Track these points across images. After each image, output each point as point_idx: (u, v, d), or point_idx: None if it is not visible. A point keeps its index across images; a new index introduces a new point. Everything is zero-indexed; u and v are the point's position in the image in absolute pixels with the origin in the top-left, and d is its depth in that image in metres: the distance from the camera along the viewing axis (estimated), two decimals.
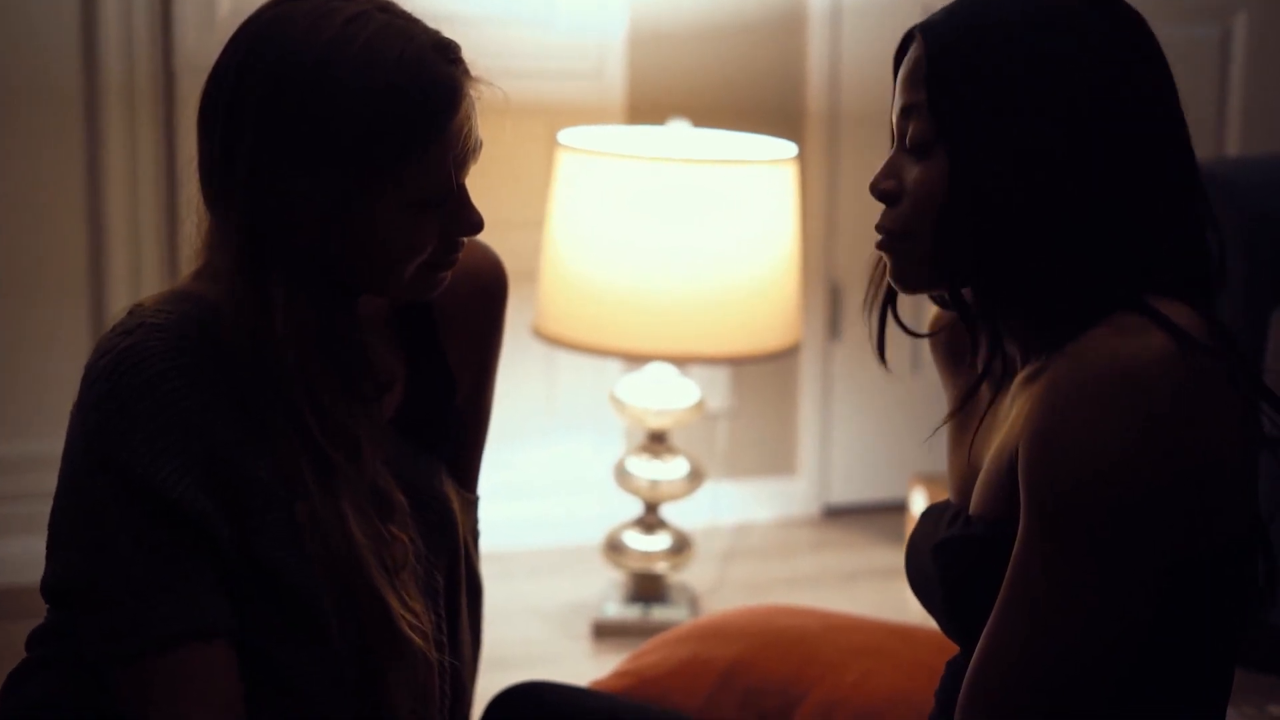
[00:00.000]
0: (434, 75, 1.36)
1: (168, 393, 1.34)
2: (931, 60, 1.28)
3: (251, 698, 1.39)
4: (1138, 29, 1.29)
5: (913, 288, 1.33)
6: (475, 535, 1.63)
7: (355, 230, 1.37)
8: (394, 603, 1.41)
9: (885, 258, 1.34)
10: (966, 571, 1.29)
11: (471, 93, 1.39)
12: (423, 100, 1.35)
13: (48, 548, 1.39)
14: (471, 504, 1.62)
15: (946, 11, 1.32)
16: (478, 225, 1.43)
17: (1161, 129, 1.26)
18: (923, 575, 1.37)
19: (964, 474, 1.39)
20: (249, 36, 1.38)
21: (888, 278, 1.35)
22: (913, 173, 1.30)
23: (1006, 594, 1.21)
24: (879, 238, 1.33)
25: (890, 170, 1.32)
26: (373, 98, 1.34)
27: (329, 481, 1.39)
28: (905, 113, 1.31)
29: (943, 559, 1.31)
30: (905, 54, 1.34)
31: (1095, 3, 1.28)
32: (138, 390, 1.34)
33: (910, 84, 1.31)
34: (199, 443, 1.35)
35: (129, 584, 1.34)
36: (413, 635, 1.42)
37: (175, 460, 1.34)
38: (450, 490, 1.56)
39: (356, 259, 1.39)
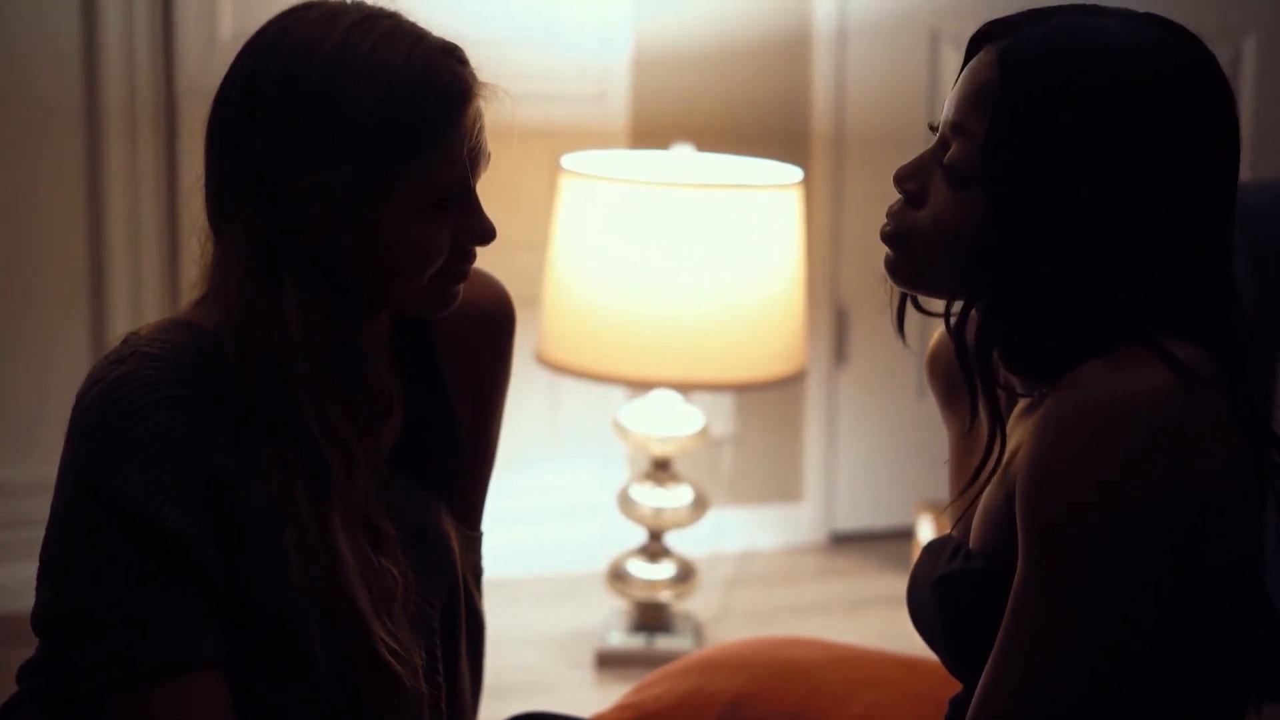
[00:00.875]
0: (442, 73, 1.36)
1: (160, 422, 1.33)
2: (1002, 103, 1.23)
3: None
4: (1219, 95, 1.25)
5: (903, 284, 1.32)
6: (477, 573, 1.61)
7: (366, 233, 1.36)
8: (379, 631, 1.39)
9: (885, 244, 1.32)
10: (966, 606, 1.28)
11: (480, 96, 1.39)
12: (432, 96, 1.35)
13: (38, 577, 1.38)
14: (473, 541, 1.60)
15: (1029, 35, 1.25)
16: (489, 232, 1.41)
17: (1213, 200, 1.24)
18: (924, 610, 1.35)
19: (965, 507, 1.37)
20: (256, 47, 1.38)
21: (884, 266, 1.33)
22: (941, 192, 1.27)
23: (1007, 623, 1.20)
24: (886, 223, 1.31)
25: (919, 171, 1.30)
26: (382, 94, 1.33)
27: (322, 507, 1.37)
28: (956, 129, 1.27)
29: (942, 593, 1.30)
30: (975, 49, 1.29)
31: (1187, 66, 1.23)
32: (129, 419, 1.33)
33: (973, 105, 1.26)
34: (191, 473, 1.34)
35: (120, 614, 1.33)
36: (397, 666, 1.40)
37: (167, 490, 1.33)
38: (449, 528, 1.54)
39: (368, 265, 1.37)
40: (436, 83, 1.35)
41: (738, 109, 3.42)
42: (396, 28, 1.37)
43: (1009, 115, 1.23)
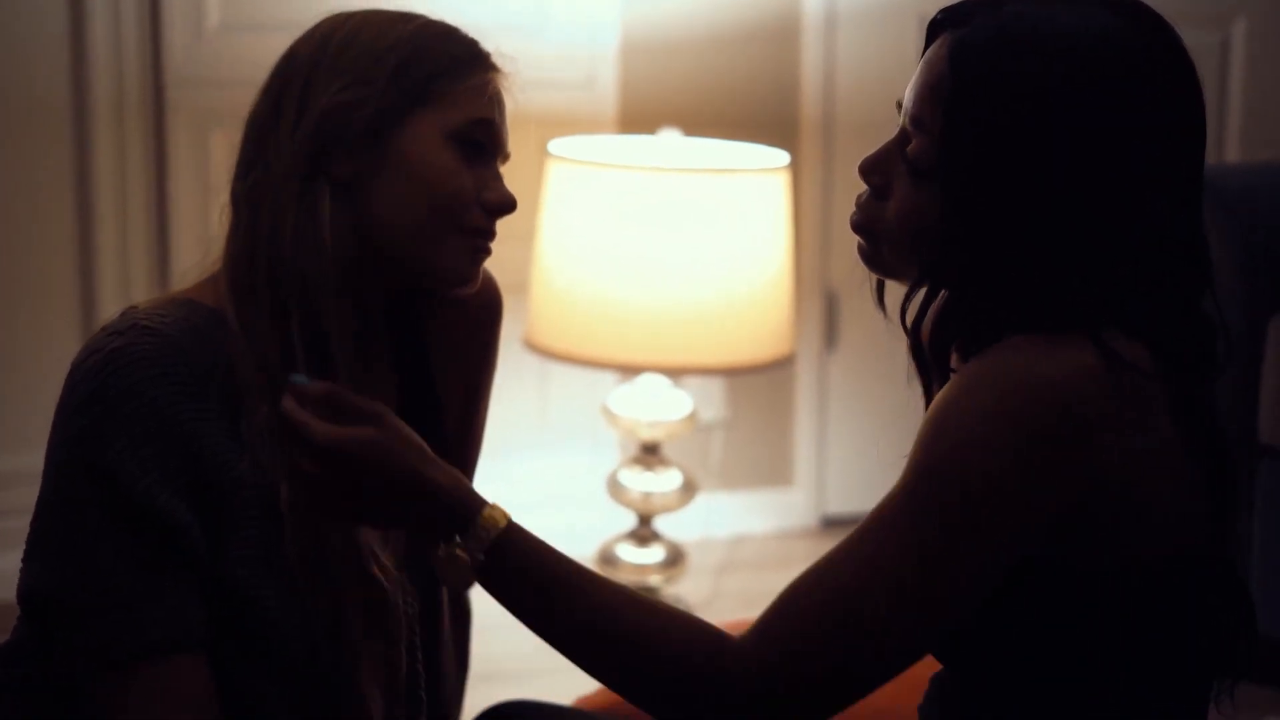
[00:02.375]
0: (465, 34, 1.45)
1: (154, 398, 1.32)
2: (954, 99, 1.23)
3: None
4: (1178, 80, 1.24)
5: (876, 272, 1.34)
6: None
7: (392, 160, 1.38)
8: (370, 547, 1.39)
9: (857, 235, 1.33)
10: None
11: (500, 70, 1.44)
12: (456, 41, 1.43)
13: (27, 553, 1.37)
14: None
15: (979, 26, 1.24)
16: (510, 198, 1.43)
17: (1174, 189, 1.24)
18: None
19: None
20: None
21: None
22: (904, 185, 1.28)
23: (863, 522, 1.22)
24: (854, 213, 1.32)
25: (883, 163, 1.30)
26: (409, 32, 1.42)
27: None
28: (915, 122, 1.27)
29: None
30: (933, 35, 1.29)
31: (1141, 53, 1.23)
32: (124, 394, 1.31)
33: (928, 99, 1.26)
34: (182, 452, 1.33)
35: (108, 592, 1.32)
36: (384, 580, 1.39)
37: (159, 468, 1.32)
38: None
39: (396, 201, 1.38)
40: (460, 36, 1.44)
41: (726, 94, 3.42)
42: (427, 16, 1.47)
43: (961, 111, 1.23)
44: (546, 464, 3.40)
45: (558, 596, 1.24)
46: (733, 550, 3.50)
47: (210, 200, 3.08)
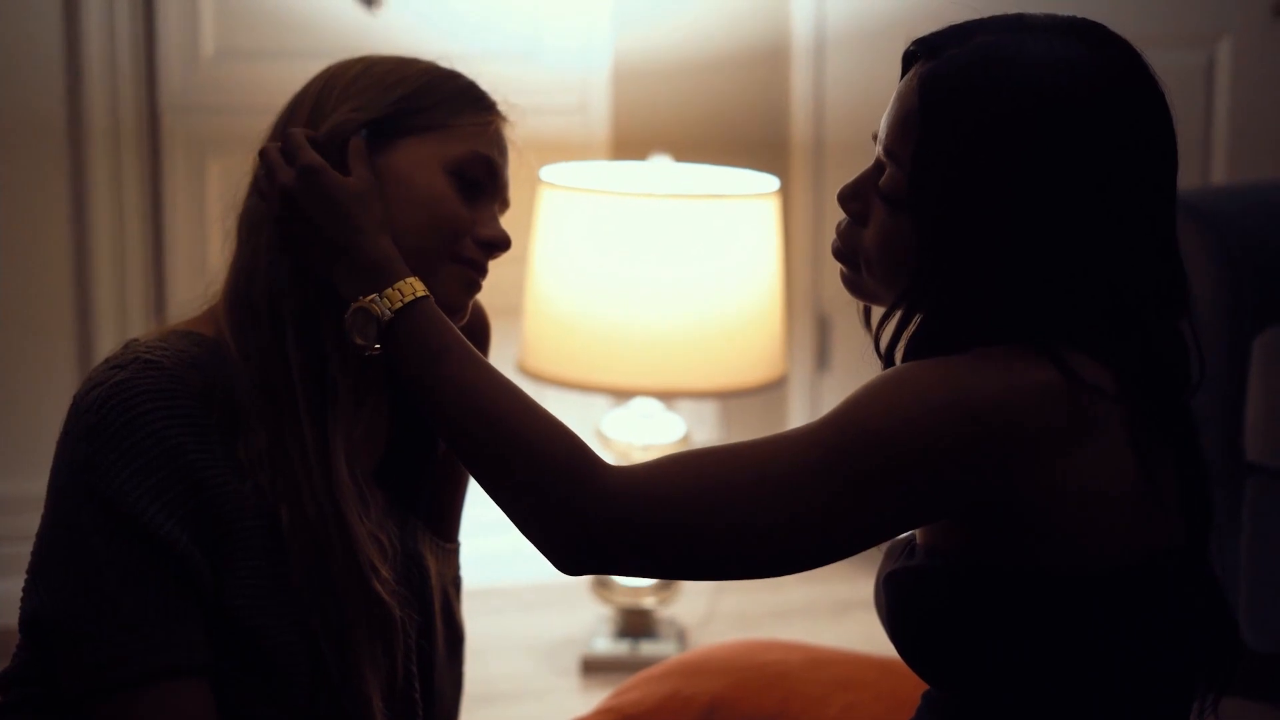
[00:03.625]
0: (470, 80, 1.48)
1: (157, 429, 1.34)
2: (925, 127, 1.25)
3: None
4: (1147, 109, 1.26)
5: (857, 297, 1.36)
6: (457, 583, 1.62)
7: (385, 175, 1.41)
8: (375, 564, 1.41)
9: (838, 262, 1.35)
10: (907, 602, 1.30)
11: (505, 119, 1.48)
12: (458, 81, 1.47)
13: (29, 580, 1.38)
14: (451, 554, 1.61)
15: (948, 59, 1.26)
16: (504, 236, 1.46)
17: (1143, 215, 1.25)
18: (879, 608, 1.37)
19: None
20: None
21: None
22: (880, 214, 1.30)
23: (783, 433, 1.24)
24: (835, 240, 1.35)
25: (860, 191, 1.32)
26: (418, 70, 1.46)
27: (325, 437, 1.39)
28: (888, 154, 1.29)
29: (887, 590, 1.32)
30: (907, 66, 1.31)
31: (1109, 83, 1.24)
32: (128, 425, 1.33)
33: (899, 132, 1.28)
34: (185, 481, 1.35)
35: (112, 617, 1.33)
36: (387, 597, 1.41)
37: (161, 497, 1.33)
38: (426, 548, 1.55)
39: (392, 213, 1.40)
40: (467, 79, 1.48)
41: (717, 119, 3.43)
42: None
43: (930, 143, 1.25)
44: None
45: (448, 366, 1.29)
46: None
47: (207, 227, 3.10)
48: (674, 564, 1.23)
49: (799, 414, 3.63)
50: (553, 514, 1.24)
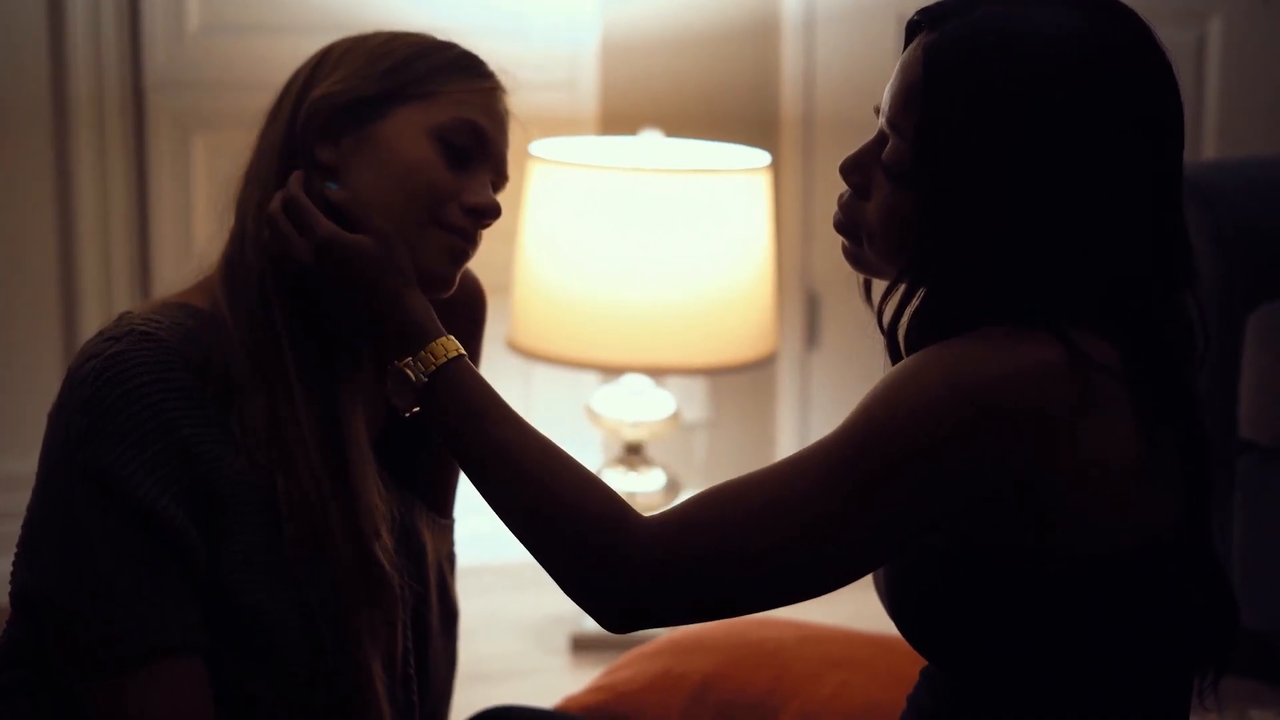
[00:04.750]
0: (463, 48, 1.47)
1: (153, 403, 1.33)
2: (928, 98, 1.24)
3: None
4: (1153, 80, 1.24)
5: (860, 271, 1.35)
6: (452, 559, 1.61)
7: (371, 147, 1.40)
8: (378, 530, 1.40)
9: (840, 235, 1.34)
10: (909, 580, 1.29)
11: (501, 89, 1.46)
12: (451, 50, 1.45)
13: (21, 555, 1.37)
14: (446, 529, 1.60)
15: (952, 29, 1.25)
16: (491, 203, 1.43)
17: (1149, 189, 1.24)
18: (879, 586, 1.37)
19: None
20: None
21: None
22: (883, 186, 1.28)
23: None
24: (836, 213, 1.33)
25: (862, 164, 1.31)
26: (413, 40, 1.45)
27: (320, 447, 1.38)
28: (891, 125, 1.28)
29: (889, 567, 1.31)
30: (911, 36, 1.30)
31: (1114, 54, 1.23)
32: (123, 398, 1.32)
33: (903, 103, 1.26)
34: (180, 457, 1.33)
35: (107, 596, 1.32)
36: (386, 564, 1.40)
37: (158, 472, 1.32)
38: (423, 524, 1.54)
39: (375, 188, 1.39)
40: (460, 48, 1.46)
41: (706, 94, 3.41)
42: None
43: (934, 114, 1.23)
44: None
45: (484, 426, 1.30)
46: None
47: (192, 204, 3.09)
48: (717, 602, 1.24)
49: (788, 392, 3.62)
50: (593, 571, 1.24)
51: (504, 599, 3.17)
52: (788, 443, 3.63)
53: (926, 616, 1.27)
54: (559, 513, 1.25)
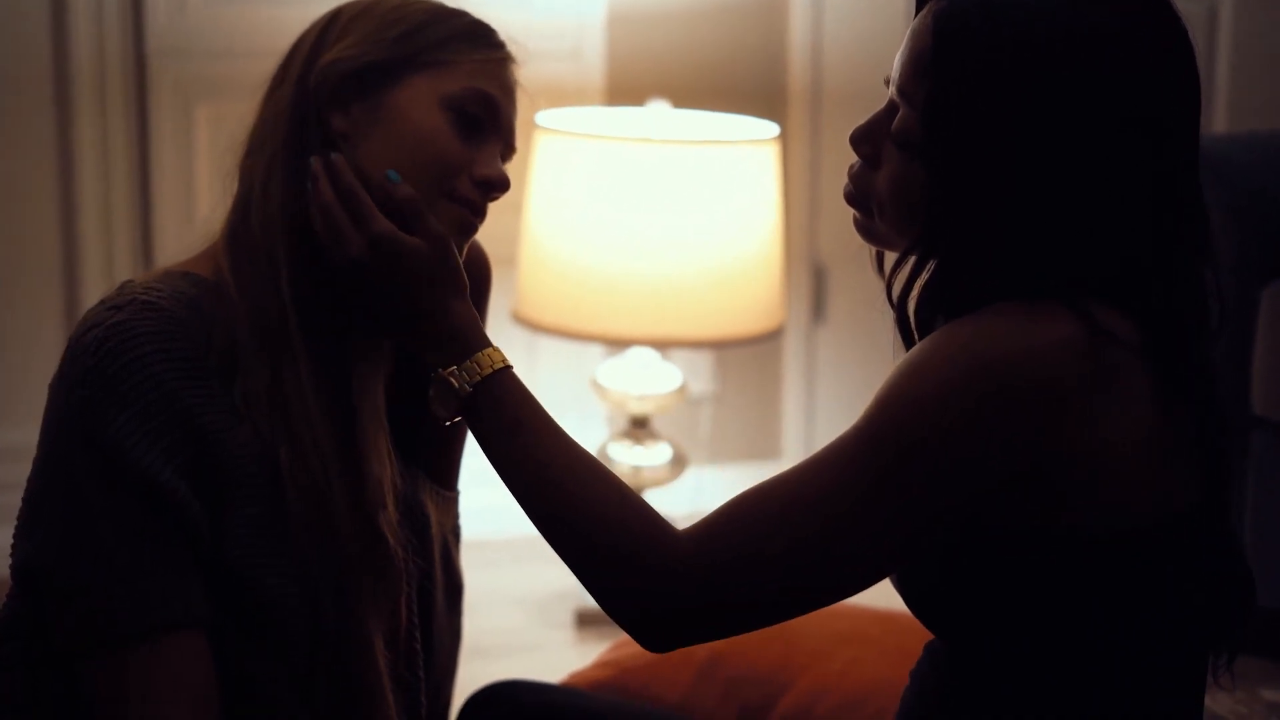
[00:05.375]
0: (476, 18, 1.44)
1: (156, 374, 1.31)
2: (937, 72, 1.22)
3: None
4: (1167, 48, 1.22)
5: (872, 243, 1.34)
6: (456, 533, 1.60)
7: (383, 116, 1.38)
8: (384, 501, 1.39)
9: (851, 207, 1.33)
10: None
11: (512, 60, 1.44)
12: (462, 19, 1.43)
13: (21, 527, 1.35)
14: (451, 501, 1.59)
15: None
16: (501, 175, 1.42)
17: (1164, 159, 1.22)
18: None
19: None
20: None
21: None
22: (893, 156, 1.27)
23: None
24: (847, 184, 1.32)
25: (873, 134, 1.30)
26: (424, 7, 1.43)
27: (324, 417, 1.37)
28: (901, 94, 1.26)
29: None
30: (921, 4, 1.28)
31: (1128, 21, 1.21)
32: (126, 368, 1.30)
33: (912, 72, 1.25)
34: (183, 428, 1.32)
35: (108, 570, 1.30)
36: (390, 538, 1.39)
37: (160, 444, 1.31)
38: (427, 497, 1.53)
39: (385, 150, 1.38)
40: (472, 17, 1.44)
41: (714, 65, 3.39)
42: None
43: (943, 81, 1.22)
44: None
45: (526, 439, 1.29)
46: None
47: (195, 173, 3.07)
48: (753, 610, 1.24)
49: (794, 365, 3.60)
50: (629, 588, 1.24)
51: (508, 573, 3.16)
52: (794, 416, 3.62)
53: (936, 592, 1.26)
54: (595, 529, 1.24)
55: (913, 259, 1.27)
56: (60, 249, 3.06)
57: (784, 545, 1.20)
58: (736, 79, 3.42)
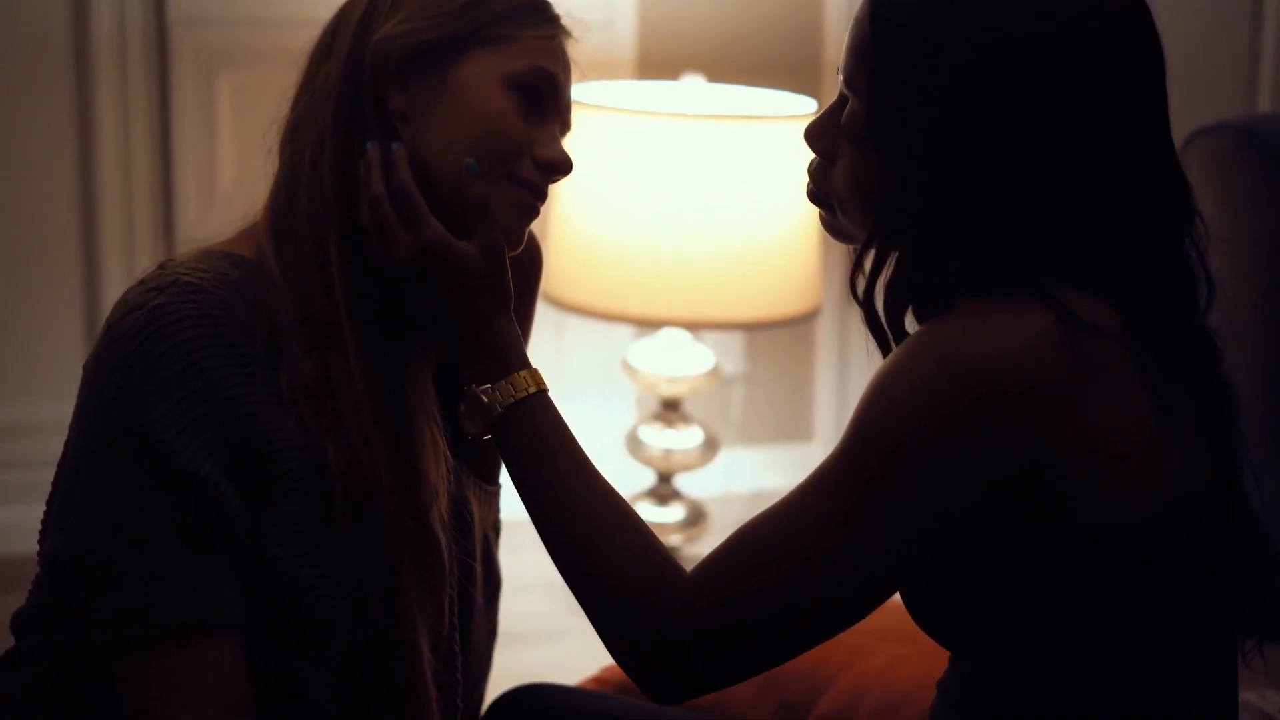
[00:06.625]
0: None
1: (199, 361, 1.27)
2: (877, 52, 1.21)
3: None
4: (1127, 14, 1.20)
5: (838, 239, 1.33)
6: (497, 528, 1.56)
7: (442, 95, 1.33)
8: (437, 494, 1.36)
9: (814, 205, 1.32)
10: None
11: (570, 35, 1.41)
12: None
13: (52, 516, 1.32)
14: (492, 496, 1.55)
15: None
16: (565, 158, 1.39)
17: (1133, 136, 1.20)
18: None
19: None
20: None
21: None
22: (847, 150, 1.25)
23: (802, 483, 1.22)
24: (808, 182, 1.31)
25: (827, 128, 1.29)
26: None
27: (373, 411, 1.32)
28: (848, 85, 1.26)
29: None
30: None
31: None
32: (168, 354, 1.26)
33: (855, 61, 1.24)
34: (227, 419, 1.27)
35: (141, 564, 1.26)
36: (440, 535, 1.36)
37: (202, 436, 1.26)
38: (470, 491, 1.49)
39: (445, 136, 1.33)
40: None
41: (749, 37, 3.34)
42: None
43: (884, 68, 1.20)
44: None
45: (551, 471, 1.28)
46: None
47: (217, 145, 3.06)
48: (758, 650, 1.22)
49: (827, 347, 3.57)
50: (641, 631, 1.22)
51: (535, 557, 3.08)
52: (826, 399, 3.59)
53: (937, 599, 1.24)
54: (605, 571, 1.24)
55: (871, 253, 1.25)
56: (78, 224, 3.05)
57: (782, 574, 1.18)
58: (772, 52, 3.38)
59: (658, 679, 1.23)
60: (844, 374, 3.60)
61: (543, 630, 2.83)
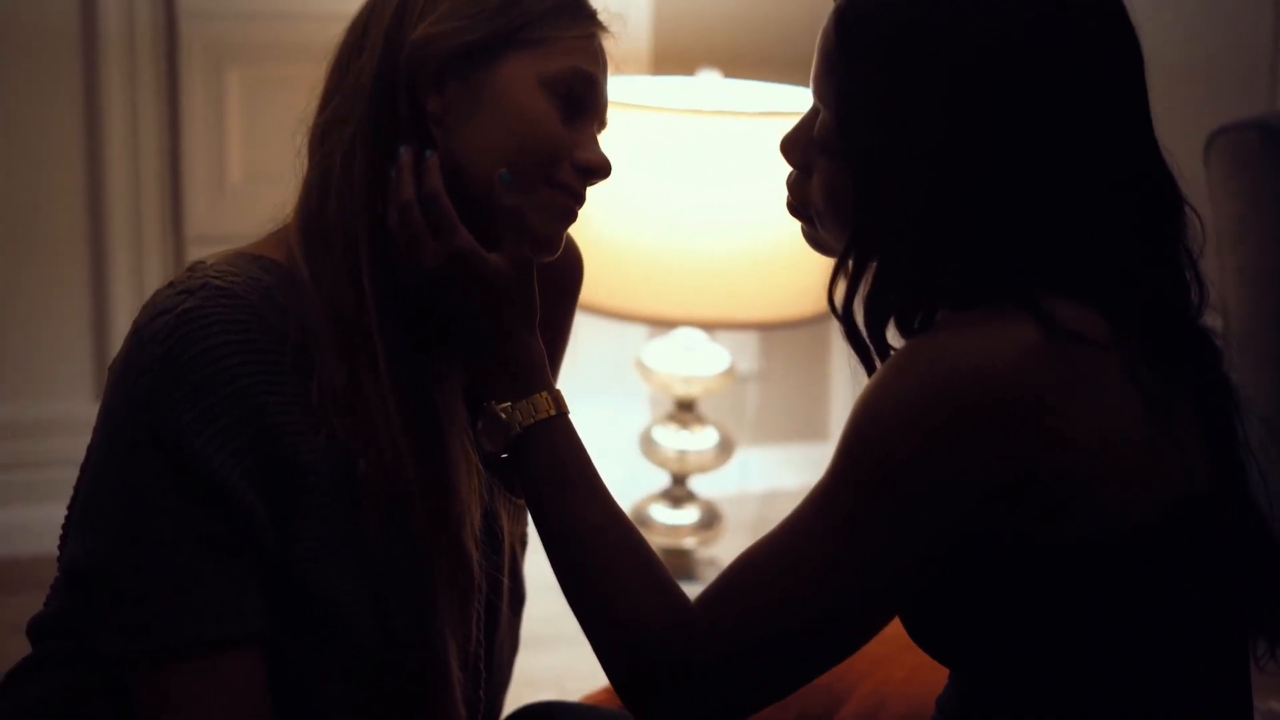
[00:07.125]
0: None
1: (229, 367, 1.24)
2: (843, 62, 1.20)
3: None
4: (1102, 17, 1.18)
5: (820, 252, 1.32)
6: (524, 541, 1.53)
7: (480, 97, 1.31)
8: (468, 508, 1.33)
9: (793, 218, 1.31)
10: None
11: (607, 31, 1.39)
12: None
13: (73, 522, 1.29)
14: (522, 509, 1.52)
15: None
16: (605, 162, 1.37)
17: (1110, 136, 1.18)
18: None
19: None
20: None
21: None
22: (821, 162, 1.25)
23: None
24: (787, 196, 1.31)
25: (800, 141, 1.28)
26: None
27: (404, 422, 1.30)
28: (818, 97, 1.25)
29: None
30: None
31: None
32: (197, 359, 1.23)
33: (823, 73, 1.23)
34: (255, 427, 1.24)
35: (164, 576, 1.24)
36: (471, 548, 1.34)
37: (230, 444, 1.24)
38: (500, 505, 1.46)
39: (483, 140, 1.31)
40: None
41: (766, 32, 3.33)
42: None
43: (850, 77, 1.20)
44: (576, 420, 3.31)
45: (566, 496, 1.27)
46: (766, 506, 3.45)
47: (225, 139, 3.07)
48: (765, 677, 1.21)
49: (842, 349, 3.51)
50: (630, 667, 1.22)
51: (545, 559, 3.08)
52: (842, 399, 3.59)
53: (936, 610, 1.23)
54: (611, 600, 1.22)
55: (848, 267, 1.24)
56: (86, 219, 3.04)
57: (785, 598, 1.18)
58: (788, 47, 3.35)
59: (663, 712, 1.22)
60: (859, 373, 3.57)
61: (560, 634, 2.78)
